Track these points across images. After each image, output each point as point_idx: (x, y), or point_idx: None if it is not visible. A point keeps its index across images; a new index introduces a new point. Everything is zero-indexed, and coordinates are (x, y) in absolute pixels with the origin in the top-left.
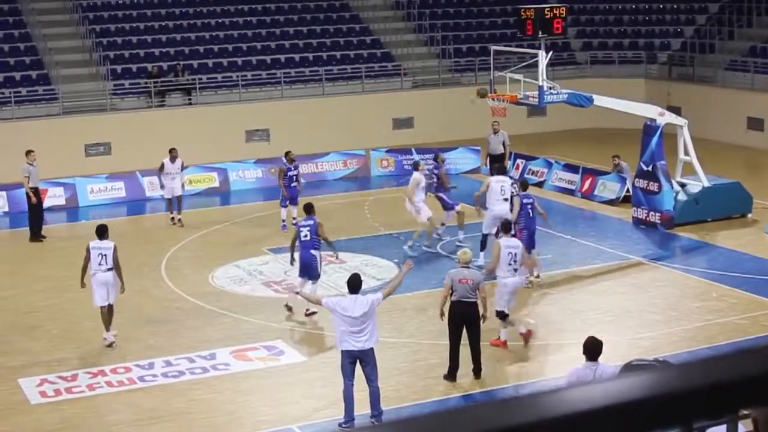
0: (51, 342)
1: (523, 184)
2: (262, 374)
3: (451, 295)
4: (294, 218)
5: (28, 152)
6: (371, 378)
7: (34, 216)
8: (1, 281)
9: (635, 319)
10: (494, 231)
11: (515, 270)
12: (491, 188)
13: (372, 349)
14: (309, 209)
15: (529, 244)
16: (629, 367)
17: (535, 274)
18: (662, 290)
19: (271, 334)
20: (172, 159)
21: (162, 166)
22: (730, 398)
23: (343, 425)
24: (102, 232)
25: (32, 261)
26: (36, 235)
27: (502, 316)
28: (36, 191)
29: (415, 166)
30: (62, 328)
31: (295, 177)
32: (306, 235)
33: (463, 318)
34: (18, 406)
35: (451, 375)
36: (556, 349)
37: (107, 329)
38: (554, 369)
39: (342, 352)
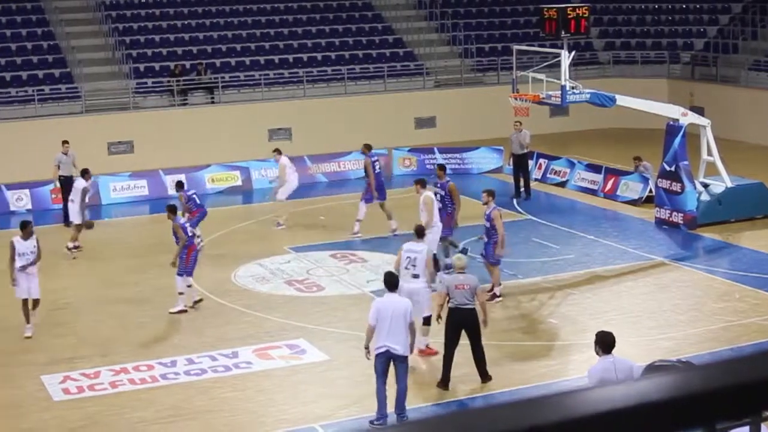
0: (74, 339)
1: (490, 193)
2: (284, 373)
3: (448, 302)
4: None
5: (64, 142)
6: (401, 378)
7: (66, 202)
8: None
9: (657, 319)
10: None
11: (413, 276)
12: (435, 203)
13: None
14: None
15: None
16: (652, 368)
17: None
18: (685, 291)
19: (294, 332)
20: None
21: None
22: (753, 399)
23: (375, 423)
24: None
25: (55, 259)
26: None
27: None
28: (66, 180)
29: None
30: (85, 325)
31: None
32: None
33: (462, 324)
34: (41, 403)
35: (444, 383)
36: (579, 349)
37: None
38: (577, 369)
39: (376, 350)
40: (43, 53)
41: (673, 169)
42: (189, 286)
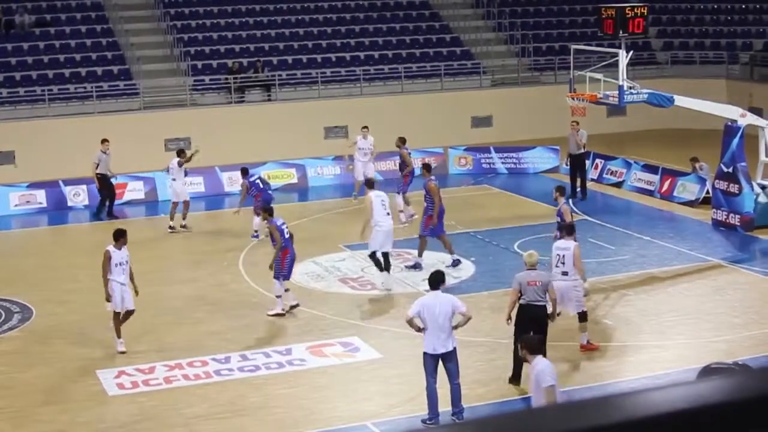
0: (129, 335)
1: (560, 189)
2: (337, 370)
3: (520, 298)
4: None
5: (103, 141)
6: (453, 376)
7: (104, 198)
8: (82, 273)
9: (713, 321)
10: (386, 247)
11: (563, 273)
12: (373, 204)
13: (454, 349)
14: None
15: None
16: (708, 371)
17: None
18: (741, 293)
19: (347, 330)
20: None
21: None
22: None
23: (427, 422)
24: None
25: None
26: (110, 214)
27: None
28: (103, 177)
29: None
30: (141, 321)
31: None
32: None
33: (532, 321)
34: (96, 397)
35: (516, 378)
36: (634, 350)
37: None
38: (633, 370)
39: (425, 348)
40: (101, 50)
41: (730, 170)
42: (286, 290)
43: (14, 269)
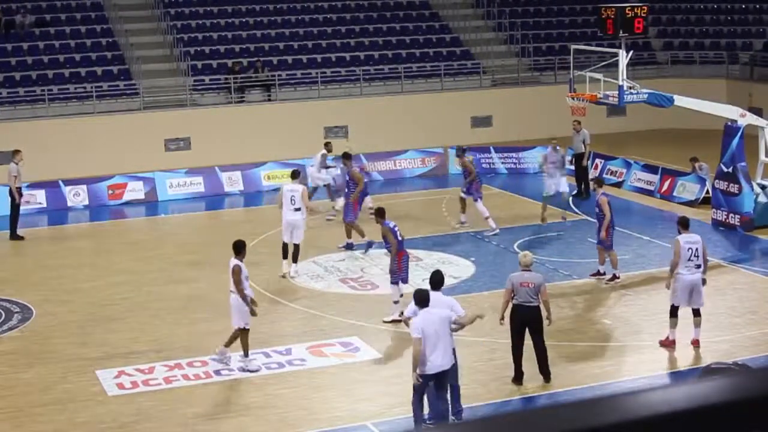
0: (129, 335)
1: (599, 181)
2: (337, 370)
3: (513, 298)
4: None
5: (16, 152)
6: (452, 377)
7: (17, 214)
8: (81, 273)
9: (713, 321)
10: (287, 238)
11: (696, 266)
12: (284, 196)
13: (452, 350)
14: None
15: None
16: (709, 371)
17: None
18: (741, 293)
19: (347, 330)
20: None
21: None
22: None
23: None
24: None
25: (112, 254)
26: (15, 234)
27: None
28: (18, 191)
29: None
30: (141, 321)
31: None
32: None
33: (525, 322)
34: (95, 397)
35: (518, 379)
36: (634, 350)
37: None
38: (632, 370)
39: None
40: (101, 50)
41: (730, 170)
42: (401, 295)
43: (14, 269)
